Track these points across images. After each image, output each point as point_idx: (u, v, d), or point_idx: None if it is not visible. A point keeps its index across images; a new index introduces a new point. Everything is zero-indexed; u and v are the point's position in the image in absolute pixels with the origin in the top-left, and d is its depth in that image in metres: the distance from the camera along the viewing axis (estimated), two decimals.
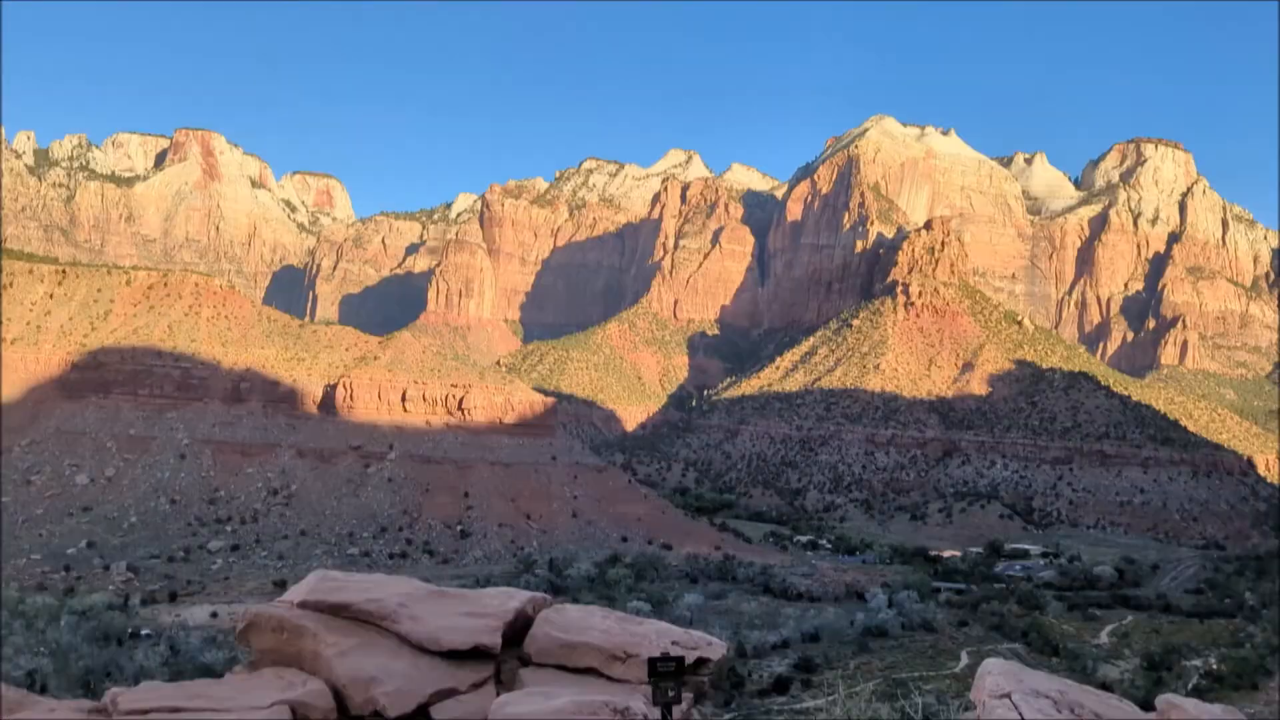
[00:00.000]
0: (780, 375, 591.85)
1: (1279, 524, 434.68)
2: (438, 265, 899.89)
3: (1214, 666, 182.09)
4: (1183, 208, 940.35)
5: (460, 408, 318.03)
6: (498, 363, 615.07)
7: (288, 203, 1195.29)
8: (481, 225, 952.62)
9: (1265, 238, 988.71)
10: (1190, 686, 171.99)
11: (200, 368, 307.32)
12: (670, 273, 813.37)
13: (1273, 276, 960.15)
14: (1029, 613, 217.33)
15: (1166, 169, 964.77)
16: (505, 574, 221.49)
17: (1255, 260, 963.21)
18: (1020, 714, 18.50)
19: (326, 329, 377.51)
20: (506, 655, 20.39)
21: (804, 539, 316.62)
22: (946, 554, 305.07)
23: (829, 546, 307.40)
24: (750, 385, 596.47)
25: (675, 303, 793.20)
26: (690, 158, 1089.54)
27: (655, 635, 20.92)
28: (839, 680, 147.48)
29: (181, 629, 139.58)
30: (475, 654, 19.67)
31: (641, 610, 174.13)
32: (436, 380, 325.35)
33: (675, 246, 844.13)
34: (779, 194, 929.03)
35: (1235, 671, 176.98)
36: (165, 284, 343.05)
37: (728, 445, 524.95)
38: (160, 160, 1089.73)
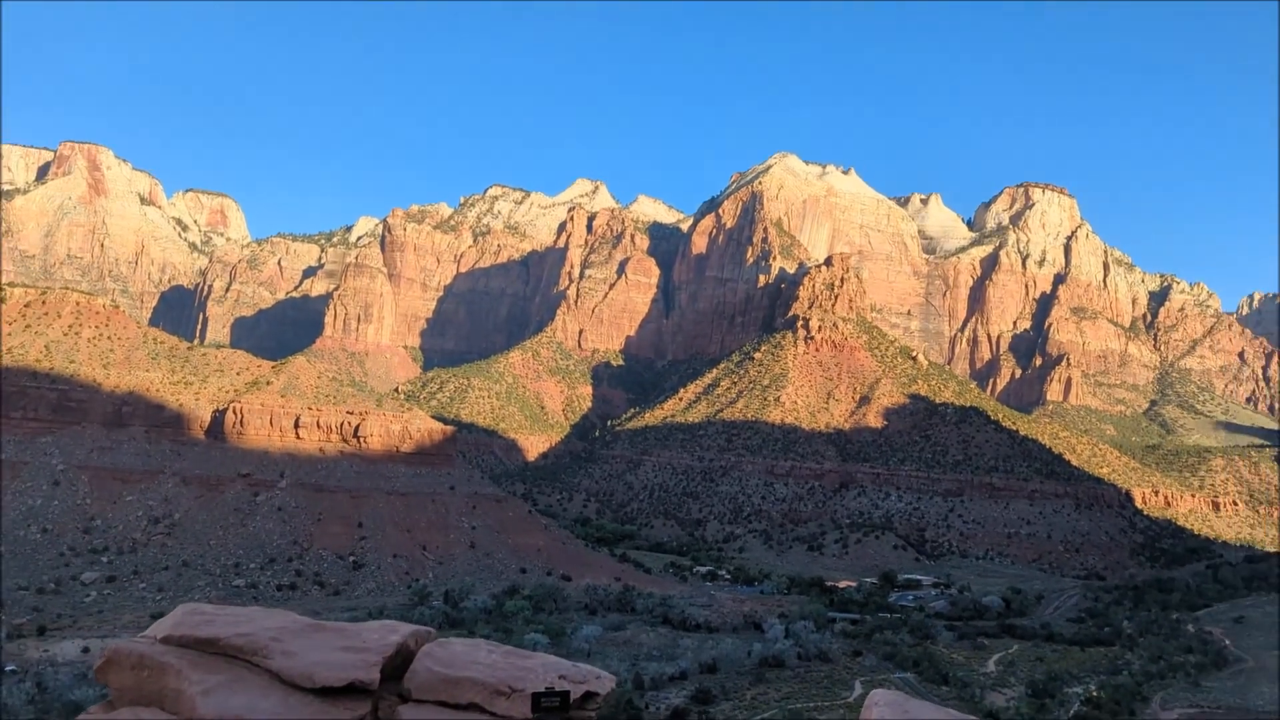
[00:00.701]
0: (683, 406, 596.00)
1: (1154, 555, 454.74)
2: (336, 289, 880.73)
3: (1094, 693, 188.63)
4: (1068, 250, 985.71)
5: (356, 435, 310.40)
6: (396, 390, 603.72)
7: (179, 221, 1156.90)
8: (382, 249, 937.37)
9: (1143, 281, 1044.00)
10: (1071, 714, 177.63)
11: (79, 390, 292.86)
12: (575, 302, 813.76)
13: (1149, 318, 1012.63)
14: (921, 642, 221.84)
15: (1053, 213, 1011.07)
16: (399, 606, 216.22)
17: (1134, 302, 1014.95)
18: None
19: (217, 352, 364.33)
20: (385, 692, 19.46)
21: (703, 570, 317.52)
22: (842, 584, 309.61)
23: (728, 577, 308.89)
24: (654, 416, 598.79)
25: (580, 332, 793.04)
26: (597, 188, 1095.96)
27: (542, 669, 20.41)
28: (736, 712, 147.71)
29: (50, 665, 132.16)
30: (351, 690, 18.69)
31: (538, 643, 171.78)
32: (332, 407, 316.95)
33: (581, 276, 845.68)
34: (684, 226, 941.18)
35: (1113, 699, 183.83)
36: (43, 302, 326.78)
37: (630, 476, 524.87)
38: (42, 173, 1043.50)
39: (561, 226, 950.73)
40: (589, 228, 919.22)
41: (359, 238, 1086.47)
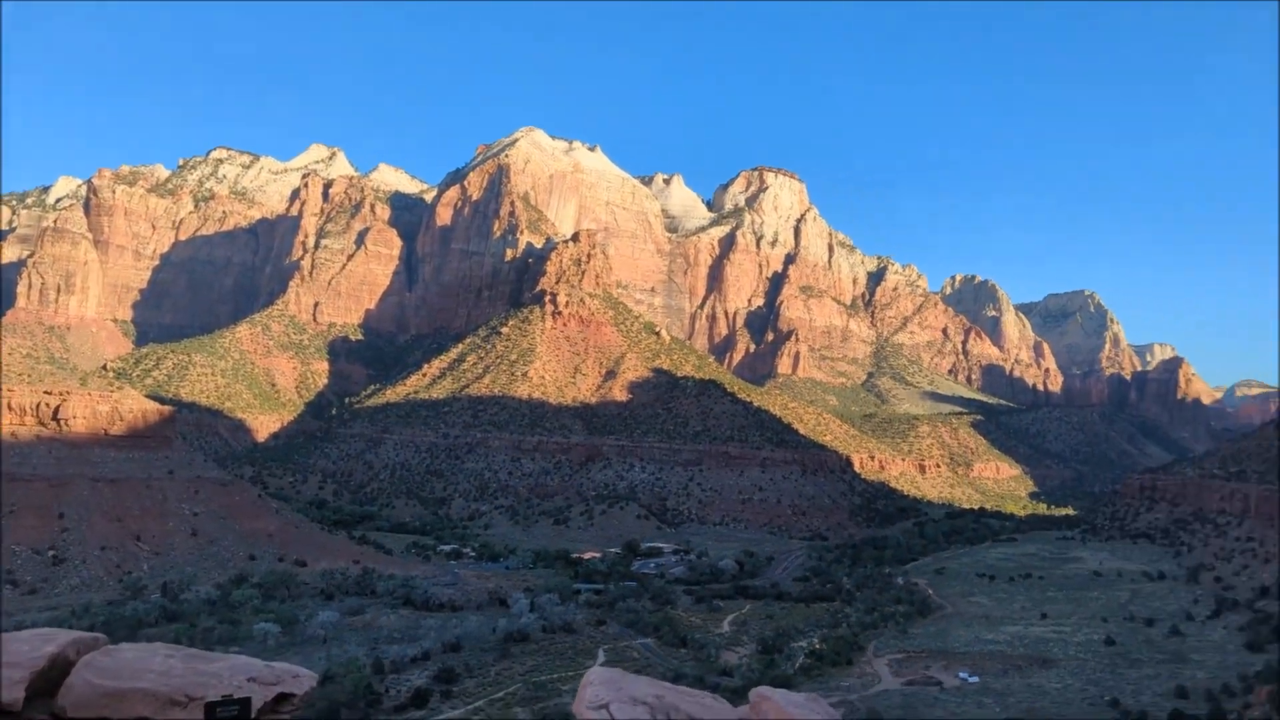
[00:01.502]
0: (427, 382, 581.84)
1: (870, 515, 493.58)
2: (30, 256, 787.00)
3: (816, 646, 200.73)
4: (798, 232, 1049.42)
5: (55, 418, 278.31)
6: (104, 367, 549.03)
7: None
8: (87, 213, 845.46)
9: (862, 262, 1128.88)
10: (797, 666, 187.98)
11: None
12: (310, 273, 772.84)
13: (868, 296, 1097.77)
14: (661, 608, 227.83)
15: (784, 196, 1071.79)
16: (108, 603, 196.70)
17: (854, 282, 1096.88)
18: None
19: None
20: (35, 711, 17.03)
21: (448, 548, 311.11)
22: (588, 556, 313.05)
23: (473, 555, 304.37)
24: (396, 393, 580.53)
25: (315, 305, 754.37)
26: (334, 154, 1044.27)
27: (229, 673, 18.53)
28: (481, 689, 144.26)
29: None
30: None
31: (269, 632, 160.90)
32: (26, 386, 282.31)
33: (316, 246, 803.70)
34: (428, 198, 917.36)
35: (834, 650, 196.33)
36: None
37: (370, 455, 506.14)
38: None
39: (295, 193, 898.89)
40: (325, 196, 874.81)
41: (59, 200, 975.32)
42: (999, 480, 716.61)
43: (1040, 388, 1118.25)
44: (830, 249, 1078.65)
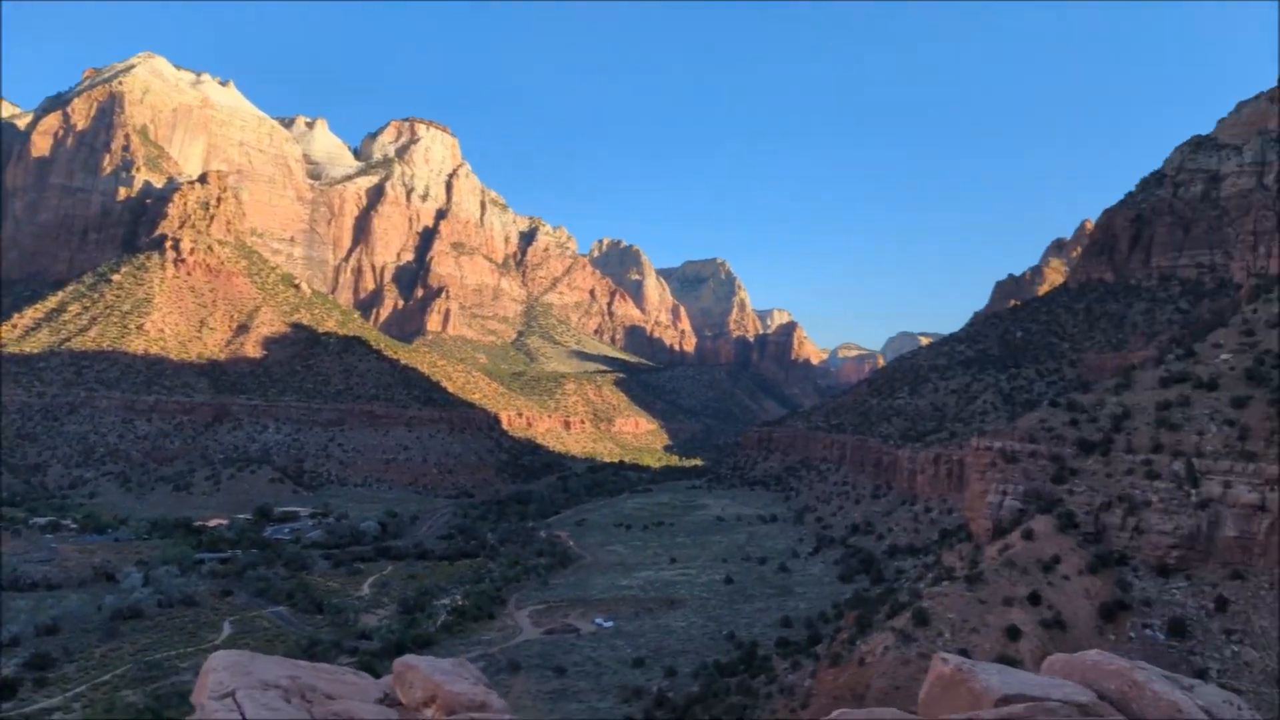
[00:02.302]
0: (19, 334, 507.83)
1: (517, 471, 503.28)
2: None
3: (459, 602, 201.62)
4: (449, 187, 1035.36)
5: None
6: None
7: None
8: None
9: (515, 222, 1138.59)
10: (439, 623, 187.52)
11: None
12: None
13: (519, 256, 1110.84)
14: (295, 574, 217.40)
15: (436, 149, 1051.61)
16: None
17: (506, 240, 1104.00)
18: (243, 713, 16.26)
19: None
20: None
21: (43, 521, 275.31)
22: (213, 523, 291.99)
23: (74, 527, 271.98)
24: None
25: None
26: None
27: None
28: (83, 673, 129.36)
29: None
30: None
31: None
32: None
33: None
34: (21, 124, 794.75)
35: (476, 605, 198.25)
36: None
37: None
38: None
39: None
40: None
41: None
42: (638, 434, 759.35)
43: (677, 348, 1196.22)
44: (483, 206, 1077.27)
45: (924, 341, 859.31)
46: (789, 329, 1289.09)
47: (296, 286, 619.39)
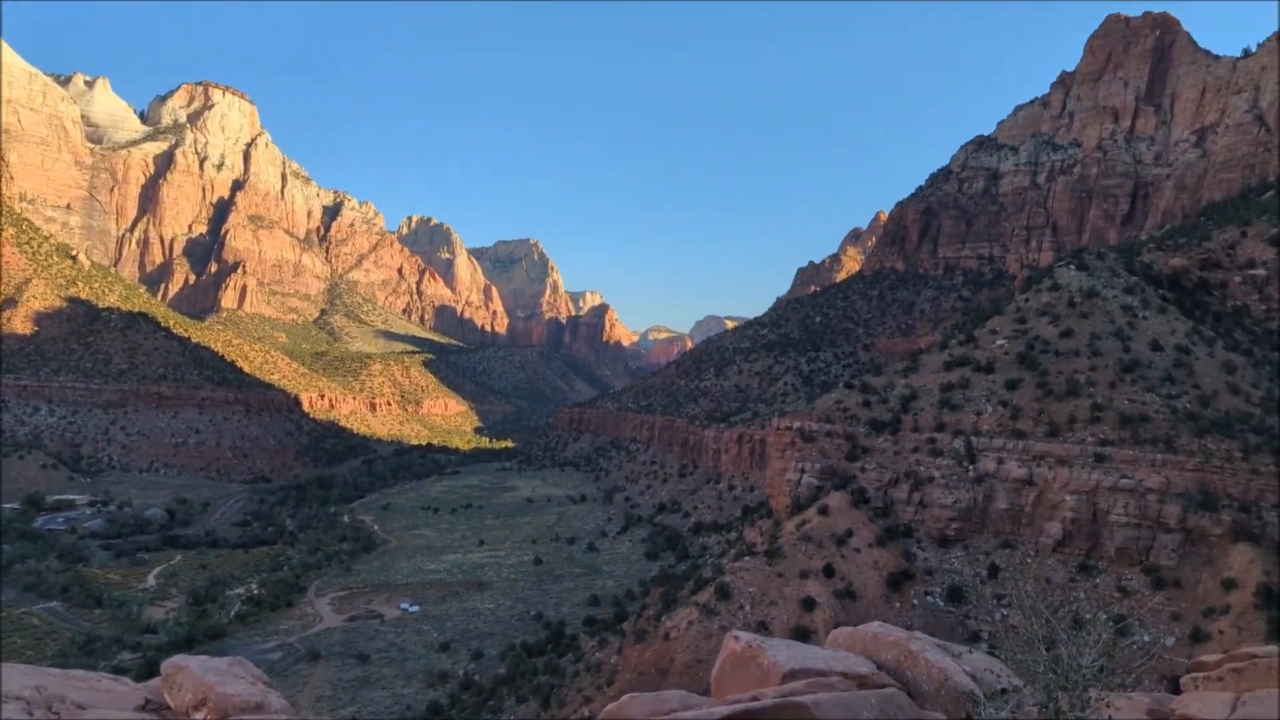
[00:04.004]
0: None
1: (319, 454, 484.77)
2: None
3: (255, 591, 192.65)
4: (247, 157, 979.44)
5: None
6: None
7: None
8: None
9: (318, 195, 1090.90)
10: (233, 614, 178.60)
11: None
12: None
13: (323, 231, 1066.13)
14: (71, 566, 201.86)
15: (233, 117, 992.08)
16: None
17: (309, 215, 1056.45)
18: None
19: None
20: None
21: None
22: None
23: None
24: None
25: None
26: None
27: None
28: None
29: None
30: None
31: None
32: None
33: None
34: None
35: (273, 594, 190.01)
36: None
37: None
38: None
39: None
40: None
41: None
42: (447, 416, 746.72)
43: (488, 328, 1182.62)
44: (284, 178, 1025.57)
45: (730, 325, 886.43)
46: (601, 311, 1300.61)
47: (73, 258, 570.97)
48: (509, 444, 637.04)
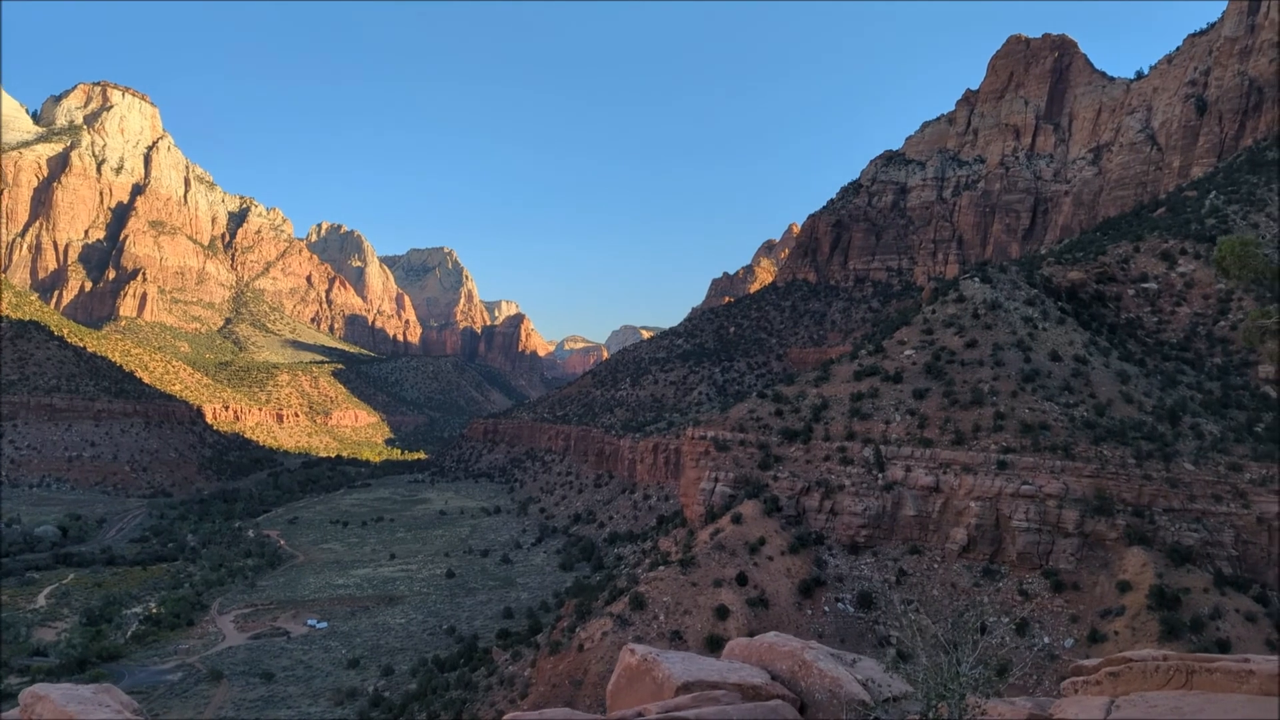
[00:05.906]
0: None
1: (223, 467, 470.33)
2: None
3: (154, 610, 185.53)
4: (148, 161, 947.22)
5: None
6: None
7: None
8: None
9: (224, 200, 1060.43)
10: (130, 633, 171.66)
11: None
12: None
13: (229, 238, 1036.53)
14: None
15: (134, 119, 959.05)
16: None
17: (214, 221, 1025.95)
18: None
19: None
20: None
21: None
22: None
23: None
24: None
25: None
26: None
27: None
28: None
29: None
30: None
31: None
32: None
33: None
34: None
35: (173, 612, 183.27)
36: None
37: None
38: None
39: None
40: None
41: None
42: (357, 428, 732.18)
43: (401, 338, 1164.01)
44: (187, 183, 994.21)
45: (646, 335, 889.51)
46: (516, 320, 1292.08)
47: None
48: (421, 456, 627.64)
